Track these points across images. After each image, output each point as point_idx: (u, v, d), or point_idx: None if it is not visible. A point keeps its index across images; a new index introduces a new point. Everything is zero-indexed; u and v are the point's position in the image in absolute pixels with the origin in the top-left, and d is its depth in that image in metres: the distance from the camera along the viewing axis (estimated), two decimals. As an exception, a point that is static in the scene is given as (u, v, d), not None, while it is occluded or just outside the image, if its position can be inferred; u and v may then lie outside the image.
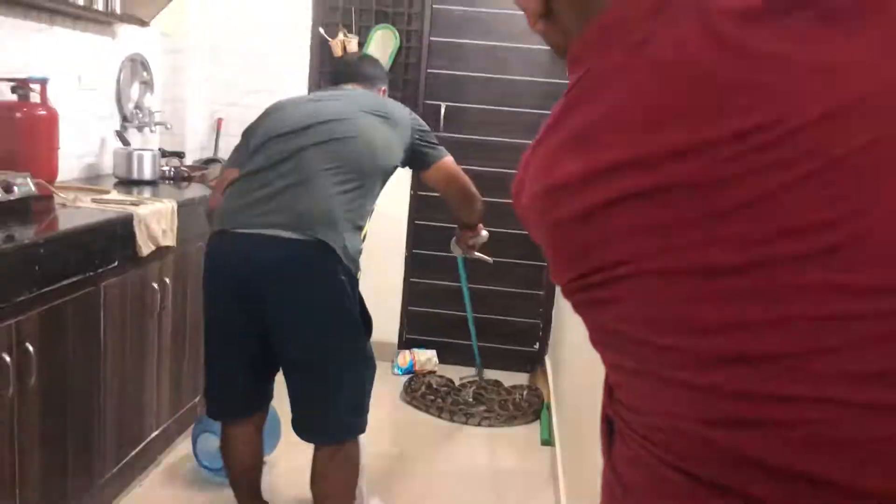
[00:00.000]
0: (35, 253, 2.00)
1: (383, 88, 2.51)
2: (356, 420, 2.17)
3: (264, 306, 2.05)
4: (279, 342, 2.10)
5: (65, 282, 2.13)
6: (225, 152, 3.99)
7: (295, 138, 2.11)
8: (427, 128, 2.38)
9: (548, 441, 3.32)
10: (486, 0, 3.92)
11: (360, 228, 2.16)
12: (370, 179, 2.16)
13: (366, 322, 2.18)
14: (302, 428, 2.16)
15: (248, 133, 2.29)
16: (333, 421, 2.13)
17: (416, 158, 2.35)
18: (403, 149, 2.28)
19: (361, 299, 2.17)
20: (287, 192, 2.04)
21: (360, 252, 2.17)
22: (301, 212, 2.01)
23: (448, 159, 2.39)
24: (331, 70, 2.56)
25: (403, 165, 2.36)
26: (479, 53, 3.97)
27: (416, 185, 4.04)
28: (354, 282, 2.12)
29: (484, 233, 2.78)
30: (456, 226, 2.79)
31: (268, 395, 2.31)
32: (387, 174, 2.26)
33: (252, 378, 2.22)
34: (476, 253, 2.91)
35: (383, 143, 2.20)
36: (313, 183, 2.04)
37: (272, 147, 2.12)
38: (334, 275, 2.03)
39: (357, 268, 2.15)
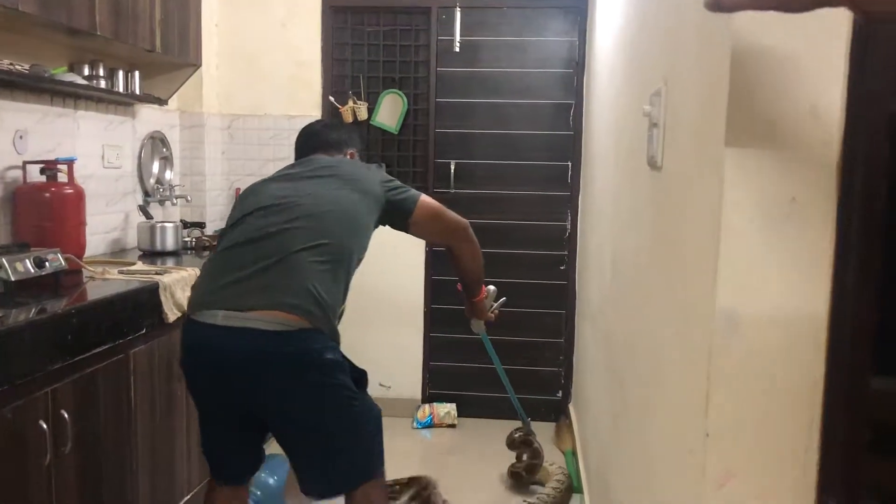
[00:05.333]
0: (67, 323, 2.08)
1: (351, 152, 2.48)
2: (369, 463, 2.07)
3: (249, 397, 1.96)
4: (272, 425, 2.05)
5: (96, 350, 2.20)
6: (244, 221, 4.11)
7: (271, 215, 2.05)
8: (393, 178, 2.33)
9: (576, 488, 3.31)
10: (487, 61, 4.06)
11: (340, 301, 2.06)
12: (346, 252, 2.07)
13: (358, 380, 2.07)
14: (315, 488, 2.04)
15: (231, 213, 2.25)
16: (345, 472, 2.02)
17: (395, 209, 2.25)
18: (378, 211, 2.22)
19: (347, 361, 2.06)
20: (266, 272, 1.94)
21: (340, 320, 2.08)
22: (282, 294, 1.90)
23: (425, 197, 2.31)
24: (297, 142, 2.51)
25: (383, 223, 2.29)
26: (484, 111, 4.10)
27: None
28: (338, 351, 2.01)
29: (491, 288, 2.76)
30: (465, 305, 2.73)
31: (256, 465, 2.20)
32: (362, 242, 2.17)
33: (237, 450, 2.14)
34: (494, 313, 2.82)
35: (355, 213, 2.14)
36: (293, 261, 1.95)
37: (249, 222, 2.07)
38: (321, 356, 1.92)
39: (338, 335, 2.04)
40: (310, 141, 2.48)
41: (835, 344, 0.97)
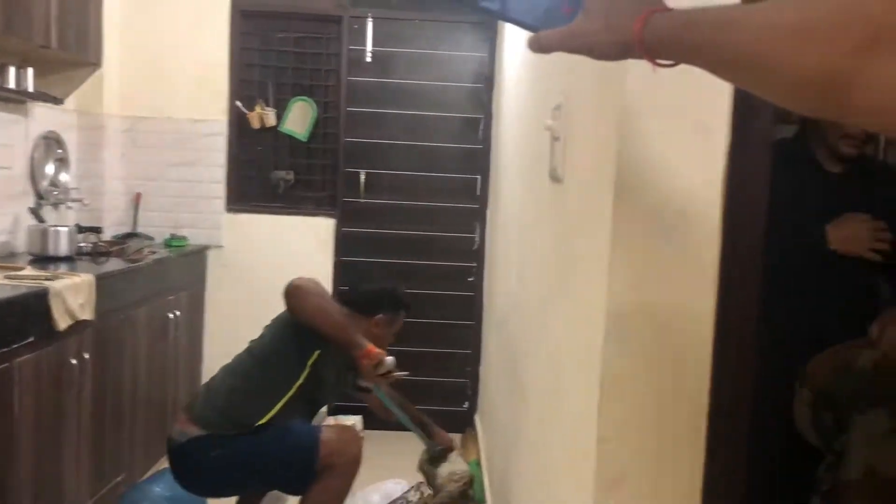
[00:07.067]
0: (-55, 330, 1.96)
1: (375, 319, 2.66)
2: (300, 478, 2.47)
3: None
4: None
5: (-24, 359, 2.08)
6: (143, 227, 3.98)
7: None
8: None
9: (481, 500, 3.33)
10: (399, 72, 4.08)
11: (253, 412, 2.48)
12: (263, 375, 2.52)
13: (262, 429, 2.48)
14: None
15: None
16: (290, 489, 2.63)
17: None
18: (289, 329, 2.52)
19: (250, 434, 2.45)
20: (206, 391, 2.59)
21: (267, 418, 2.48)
22: (199, 408, 2.48)
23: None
24: None
25: (305, 334, 2.47)
26: (395, 122, 4.11)
27: (340, 222, 4.11)
28: (227, 443, 2.43)
29: (389, 358, 2.43)
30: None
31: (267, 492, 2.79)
32: (280, 365, 2.52)
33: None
34: (393, 375, 2.49)
35: (271, 343, 2.56)
36: (217, 385, 2.54)
37: None
38: (205, 453, 2.44)
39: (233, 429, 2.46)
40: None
41: (720, 351, 1.01)
